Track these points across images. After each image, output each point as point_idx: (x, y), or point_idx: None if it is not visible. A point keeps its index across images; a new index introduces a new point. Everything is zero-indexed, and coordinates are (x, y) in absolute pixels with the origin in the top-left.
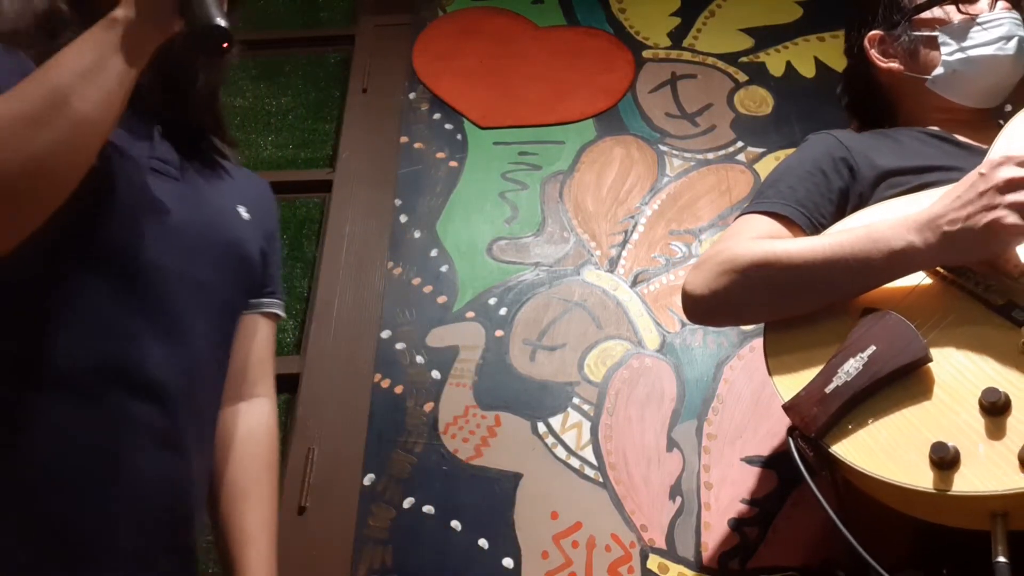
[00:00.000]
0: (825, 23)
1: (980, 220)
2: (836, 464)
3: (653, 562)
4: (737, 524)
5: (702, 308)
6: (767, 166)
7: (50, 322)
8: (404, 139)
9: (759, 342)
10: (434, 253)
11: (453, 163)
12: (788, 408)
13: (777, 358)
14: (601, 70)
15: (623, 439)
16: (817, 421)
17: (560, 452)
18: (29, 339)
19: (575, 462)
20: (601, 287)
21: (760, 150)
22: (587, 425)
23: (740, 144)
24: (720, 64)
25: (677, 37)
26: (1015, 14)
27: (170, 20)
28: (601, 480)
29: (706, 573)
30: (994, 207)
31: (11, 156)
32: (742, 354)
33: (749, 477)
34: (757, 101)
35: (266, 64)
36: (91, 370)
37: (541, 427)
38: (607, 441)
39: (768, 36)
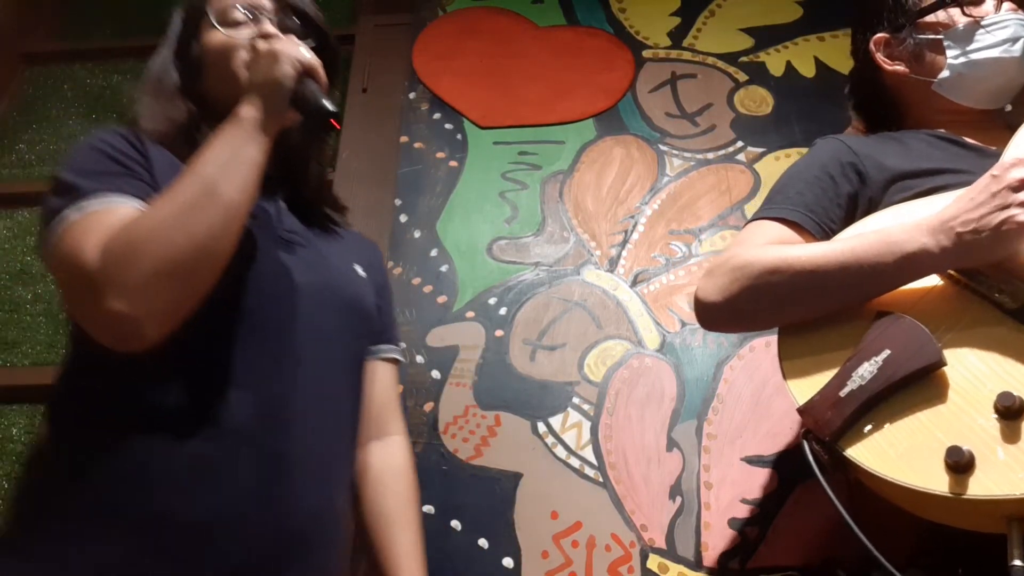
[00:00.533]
0: (825, 23)
1: (993, 220)
2: (850, 467)
3: (653, 562)
4: (737, 524)
5: (715, 315)
6: (767, 166)
7: (193, 368)
8: (404, 139)
9: (759, 342)
10: (434, 253)
11: (453, 163)
12: (803, 411)
13: (791, 362)
14: (601, 70)
15: (623, 439)
16: (832, 424)
17: (560, 452)
18: (168, 382)
19: (575, 462)
20: (601, 287)
21: (760, 150)
22: (587, 425)
23: (740, 144)
24: (720, 64)
25: (677, 37)
26: (1021, 15)
27: (285, 112)
28: (601, 480)
29: (706, 573)
30: (1007, 207)
31: (180, 241)
32: (742, 354)
33: (749, 477)
34: (757, 101)
35: None
36: (236, 415)
37: (541, 427)
38: (607, 441)
39: (768, 36)
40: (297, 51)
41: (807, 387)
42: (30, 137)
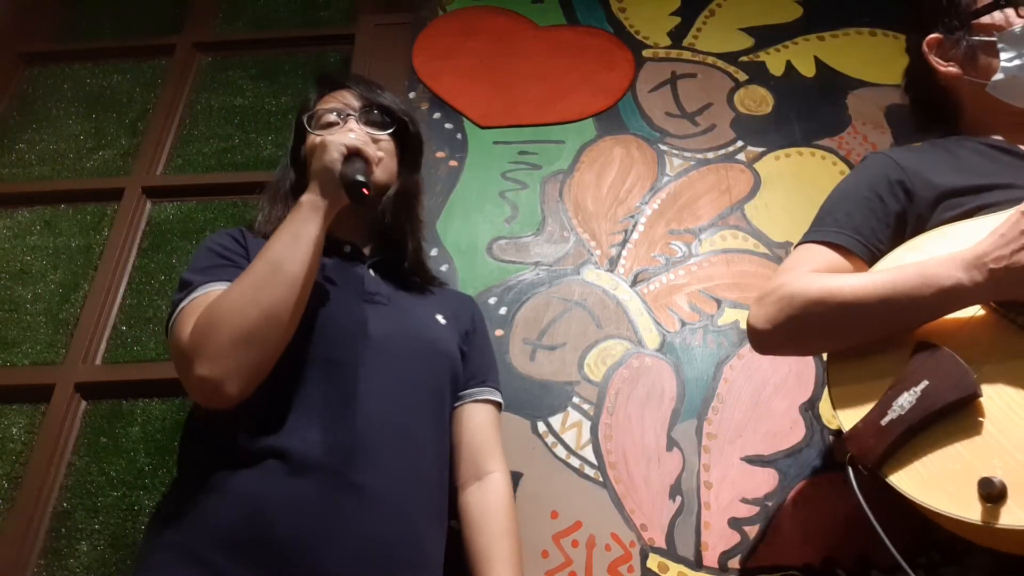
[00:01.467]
0: (825, 22)
1: (1021, 258)
2: (891, 492)
3: (653, 561)
4: (737, 523)
5: (766, 342)
6: (767, 165)
7: (275, 416)
8: None
9: None
10: (434, 252)
11: (453, 162)
12: (848, 438)
13: (838, 388)
14: (601, 69)
15: (623, 438)
16: (874, 452)
17: (560, 451)
18: (256, 429)
19: (575, 461)
20: (601, 286)
21: (760, 149)
22: (587, 424)
23: (740, 143)
24: (720, 63)
25: (677, 36)
26: None
27: (338, 195)
28: (601, 479)
29: (706, 572)
30: None
31: (251, 312)
32: (742, 353)
33: (749, 476)
34: (757, 100)
35: (266, 63)
36: (311, 451)
37: (541, 426)
38: (607, 440)
39: (768, 35)
40: (344, 137)
41: (853, 414)
42: (30, 137)
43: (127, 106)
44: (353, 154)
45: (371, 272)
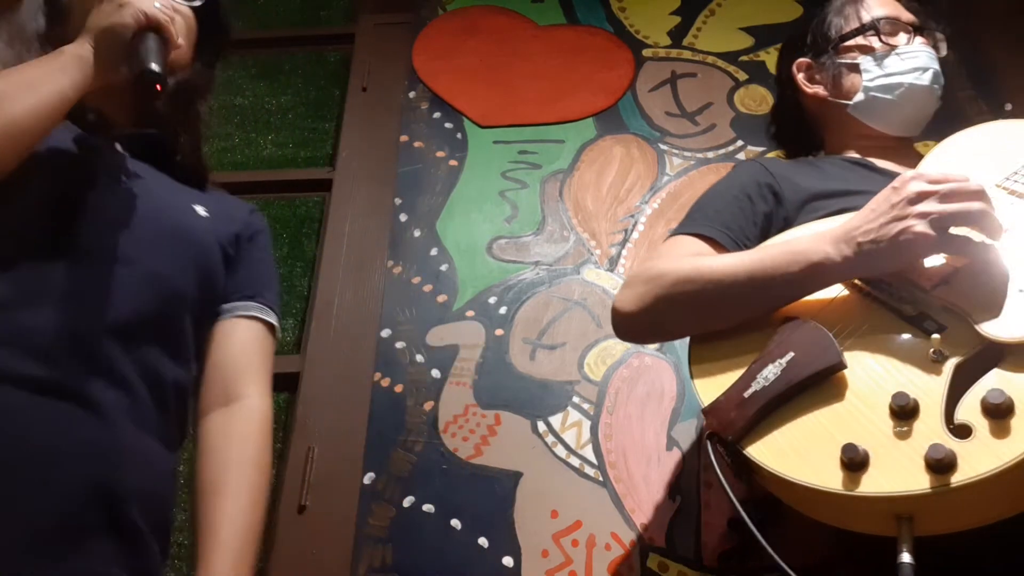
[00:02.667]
0: None
1: (891, 231)
2: (752, 468)
3: (653, 561)
4: (737, 523)
5: (631, 325)
6: None
7: None
8: (404, 138)
9: None
10: (434, 252)
11: (453, 162)
12: (707, 412)
13: (700, 365)
14: (601, 69)
15: (623, 438)
16: (735, 425)
17: (560, 451)
18: None
19: (575, 461)
20: (601, 286)
21: (760, 149)
22: (587, 424)
23: (740, 143)
24: (720, 63)
25: (677, 36)
26: (931, 49)
27: (115, 62)
28: (601, 479)
29: (706, 572)
30: (904, 217)
31: None
32: None
33: (740, 484)
34: (757, 100)
35: (266, 63)
36: (20, 343)
37: (541, 426)
38: (607, 440)
39: (768, 35)
40: (146, 3)
41: (713, 389)
42: None
43: None
44: (150, 28)
45: (117, 146)
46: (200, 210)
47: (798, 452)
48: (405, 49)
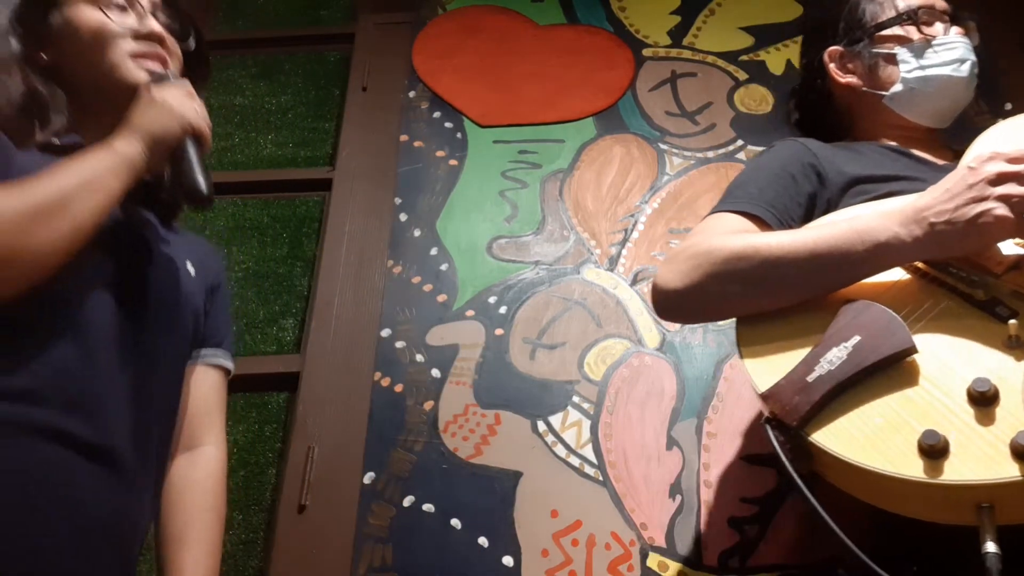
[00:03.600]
0: None
1: (968, 212)
2: (815, 455)
3: (653, 560)
4: (737, 522)
5: (676, 302)
6: None
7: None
8: (404, 137)
9: None
10: (434, 251)
11: (453, 161)
12: (767, 397)
13: (751, 347)
14: (601, 68)
15: (623, 437)
16: (799, 410)
17: (560, 450)
18: None
19: (575, 460)
20: (601, 285)
21: (760, 148)
22: (587, 423)
23: (740, 142)
24: (720, 62)
25: (677, 35)
26: (967, 40)
27: (161, 165)
28: (601, 478)
29: (706, 571)
30: (983, 199)
31: (10, 242)
32: None
33: (749, 475)
34: (757, 99)
35: (266, 62)
36: (41, 393)
37: (541, 425)
38: (607, 439)
39: (768, 34)
40: (191, 111)
41: (769, 373)
42: None
43: None
44: (193, 136)
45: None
46: (190, 267)
47: (871, 439)
48: (405, 49)
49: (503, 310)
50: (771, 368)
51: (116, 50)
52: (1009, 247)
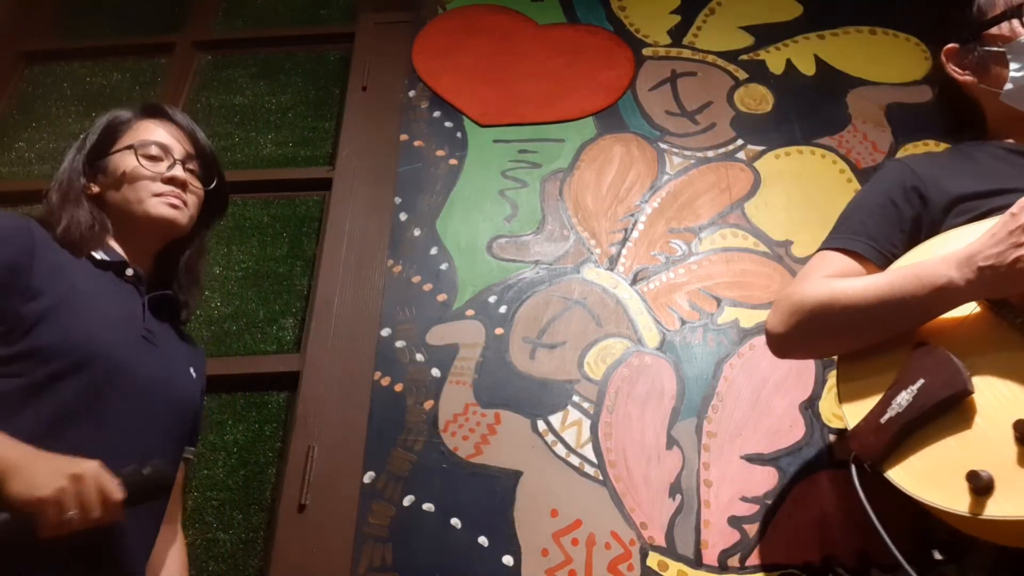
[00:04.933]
0: (825, 21)
1: (1008, 256)
2: (889, 490)
3: (653, 560)
4: (737, 521)
5: (781, 346)
6: (767, 164)
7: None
8: (404, 137)
9: (759, 340)
10: (434, 251)
11: (453, 161)
12: (852, 437)
13: (846, 384)
14: (601, 68)
15: (623, 437)
16: (875, 449)
17: (560, 450)
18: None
19: (575, 460)
20: (601, 285)
21: (760, 148)
22: (587, 423)
23: (740, 142)
24: (720, 62)
25: (677, 35)
26: None
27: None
28: (601, 478)
29: (706, 570)
30: (1021, 245)
31: None
32: (742, 352)
33: (749, 475)
34: (757, 99)
35: (266, 62)
36: None
37: (541, 425)
38: (607, 439)
39: (768, 34)
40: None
41: (858, 411)
42: (29, 136)
43: (127, 105)
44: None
45: (145, 306)
46: (192, 372)
47: (931, 475)
48: (405, 48)
49: (503, 309)
50: (860, 408)
51: (144, 190)
52: None
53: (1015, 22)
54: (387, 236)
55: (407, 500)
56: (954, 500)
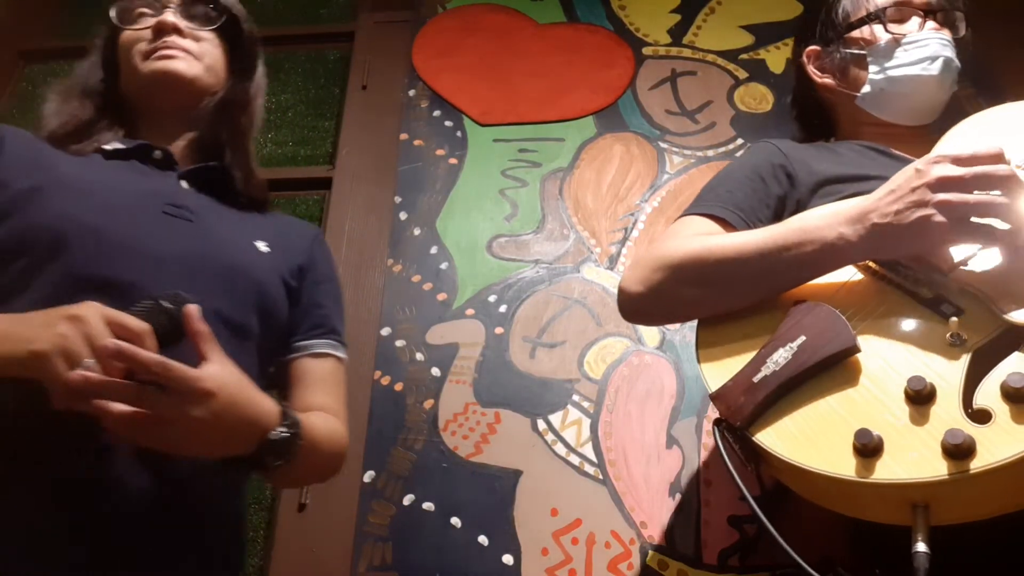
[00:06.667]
0: None
1: (909, 216)
2: (762, 456)
3: (653, 559)
4: (736, 521)
5: (637, 306)
6: None
7: None
8: (404, 136)
9: None
10: (434, 250)
11: (453, 160)
12: (715, 397)
13: (707, 349)
14: (601, 67)
15: (623, 436)
16: (743, 410)
17: (560, 449)
18: None
19: (575, 459)
20: (601, 284)
21: None
22: (587, 422)
23: (740, 141)
24: (720, 61)
25: (677, 34)
26: (943, 34)
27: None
28: (601, 477)
29: (705, 570)
30: (924, 204)
31: None
32: None
33: (748, 474)
34: (757, 98)
35: (265, 61)
36: None
37: (541, 424)
38: (607, 438)
39: (768, 33)
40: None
41: (721, 374)
42: None
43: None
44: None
45: (183, 183)
46: (262, 246)
47: (809, 438)
48: (405, 47)
49: (503, 309)
50: (724, 369)
51: (136, 55)
52: (961, 246)
53: (877, 26)
54: (387, 235)
55: (407, 499)
56: (836, 463)
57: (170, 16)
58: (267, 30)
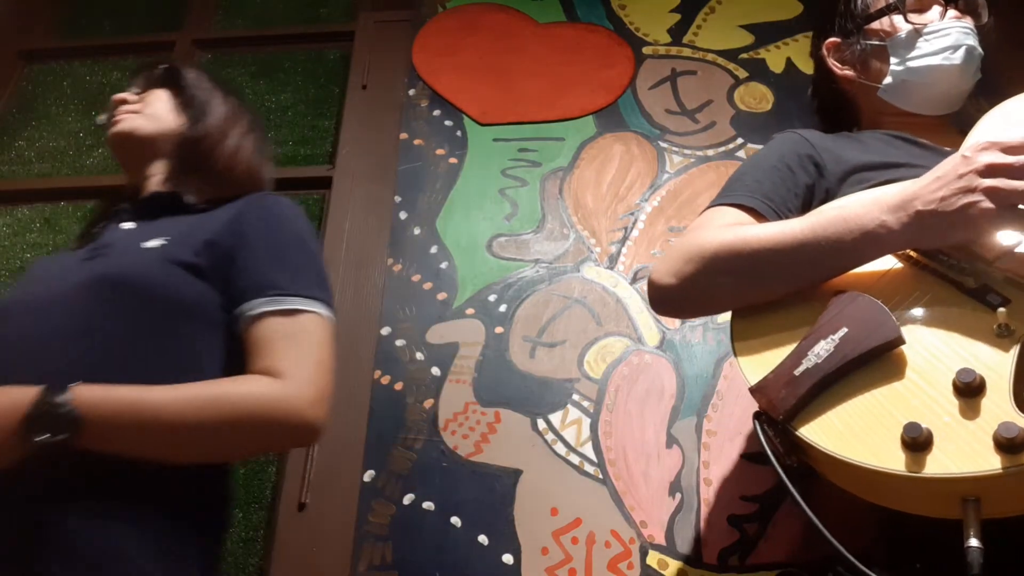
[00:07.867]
0: None
1: (955, 203)
2: (804, 449)
3: (653, 558)
4: (737, 520)
5: (669, 297)
6: None
7: None
8: (404, 135)
9: None
10: (434, 250)
11: (453, 159)
12: (755, 391)
13: (744, 342)
14: (601, 66)
15: (623, 435)
16: (785, 403)
17: (560, 448)
18: None
19: (575, 458)
20: (601, 283)
21: (760, 146)
22: (587, 421)
23: (740, 140)
24: (720, 60)
25: (677, 33)
26: (965, 23)
27: None
28: (601, 476)
29: (706, 569)
30: (971, 190)
31: None
32: None
33: (749, 473)
34: (757, 97)
35: (265, 61)
36: None
37: (541, 423)
38: (607, 437)
39: (768, 32)
40: None
41: (760, 366)
42: (29, 134)
43: None
44: None
45: (126, 224)
46: (153, 243)
47: (855, 432)
48: (405, 46)
49: (503, 308)
50: (763, 362)
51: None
52: (1007, 234)
53: (897, 16)
54: (387, 235)
55: (407, 499)
56: (884, 458)
57: (121, 95)
58: (267, 29)
